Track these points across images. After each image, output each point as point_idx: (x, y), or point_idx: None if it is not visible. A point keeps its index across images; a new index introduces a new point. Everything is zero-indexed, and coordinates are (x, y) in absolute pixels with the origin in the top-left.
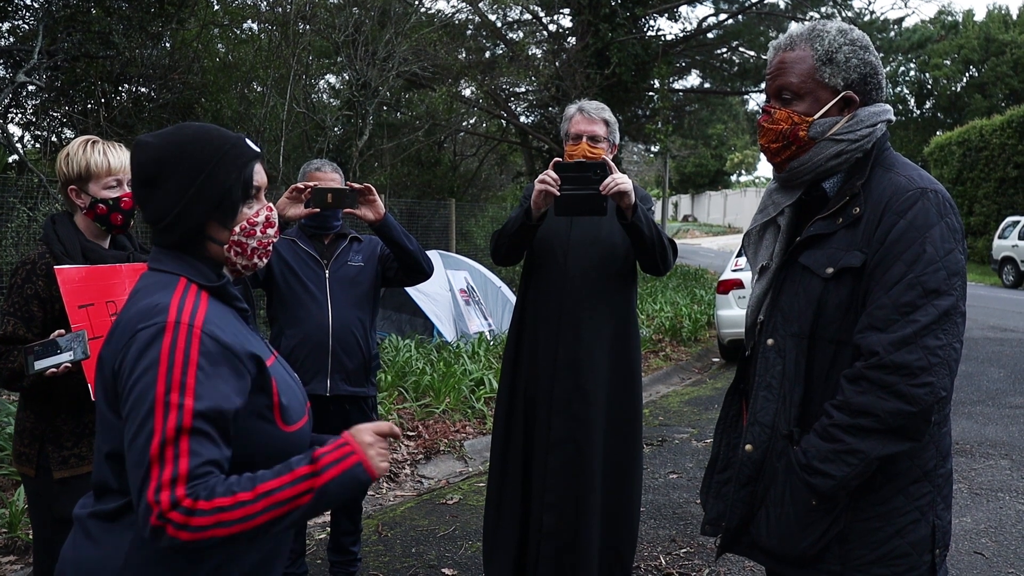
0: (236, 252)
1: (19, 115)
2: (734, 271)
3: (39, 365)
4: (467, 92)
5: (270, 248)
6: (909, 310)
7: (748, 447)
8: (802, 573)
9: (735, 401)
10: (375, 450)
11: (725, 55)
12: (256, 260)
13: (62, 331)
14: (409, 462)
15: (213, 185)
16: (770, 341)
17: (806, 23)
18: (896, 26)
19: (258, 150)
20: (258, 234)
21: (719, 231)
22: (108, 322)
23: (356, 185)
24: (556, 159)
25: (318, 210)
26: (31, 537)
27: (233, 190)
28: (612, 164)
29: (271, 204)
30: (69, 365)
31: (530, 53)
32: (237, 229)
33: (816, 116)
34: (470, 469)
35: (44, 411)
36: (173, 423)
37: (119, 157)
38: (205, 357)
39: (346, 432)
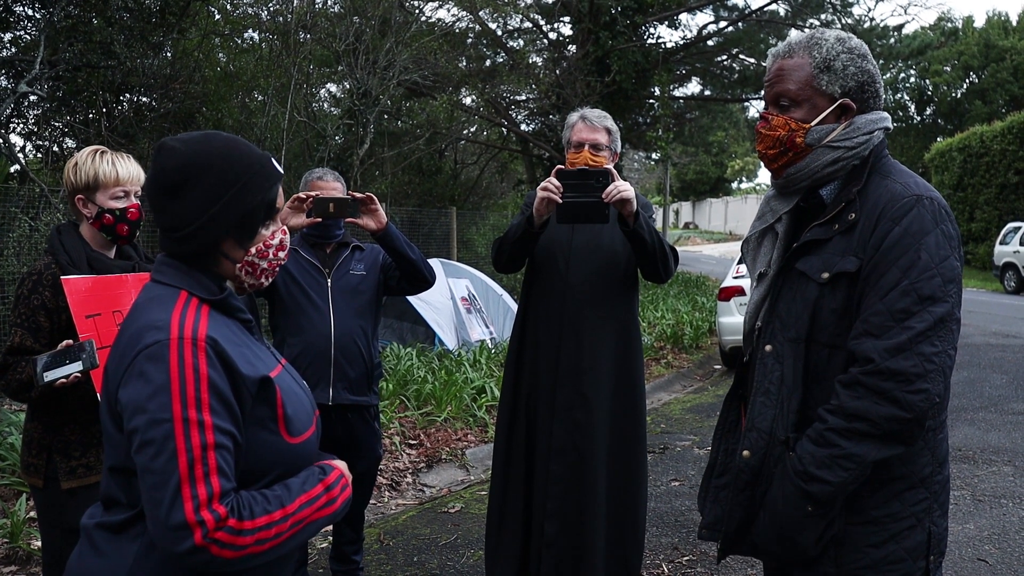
0: (247, 272)
1: (21, 125)
2: (735, 278)
3: (48, 376)
4: (468, 100)
5: (277, 270)
6: (904, 316)
7: (745, 453)
8: (800, 574)
9: (734, 407)
10: (350, 478)
11: (725, 62)
12: (263, 280)
13: (70, 341)
14: (411, 471)
15: (239, 204)
16: (768, 347)
17: (805, 31)
18: (896, 33)
19: (282, 172)
20: (270, 256)
21: (720, 238)
22: (115, 331)
23: (358, 194)
24: (559, 166)
25: (320, 219)
26: (33, 547)
27: (257, 211)
28: (614, 172)
29: (285, 227)
30: (78, 375)
31: (531, 61)
32: (253, 250)
33: (813, 123)
34: (472, 477)
35: (52, 422)
36: (198, 440)
37: (127, 168)
38: (213, 369)
39: (333, 463)
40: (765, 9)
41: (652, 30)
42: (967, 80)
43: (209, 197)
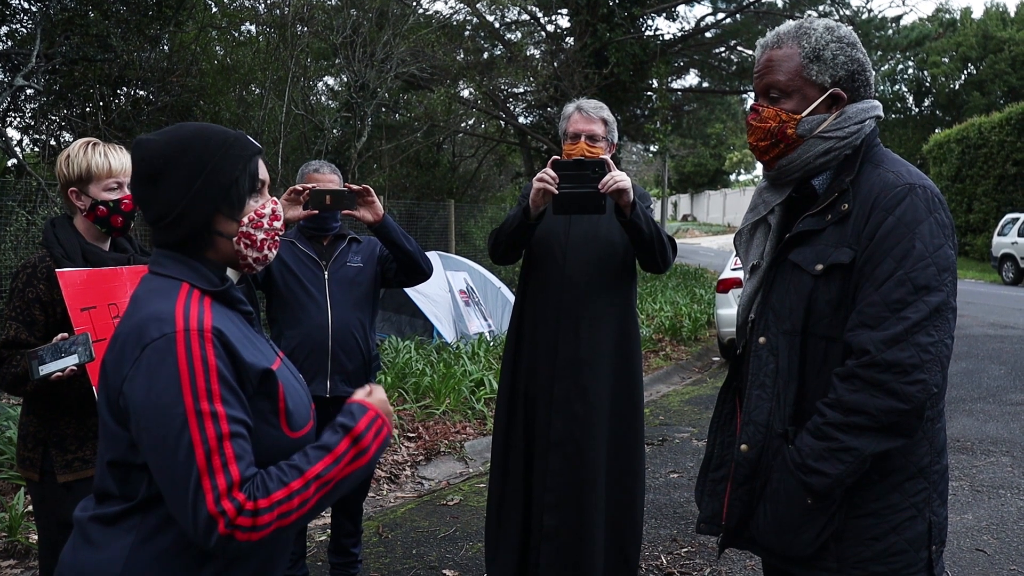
0: (246, 244)
1: (17, 119)
2: (733, 270)
3: (44, 370)
4: (465, 93)
5: (278, 239)
6: (900, 307)
7: (744, 447)
8: (800, 571)
9: (729, 399)
10: (390, 412)
11: (723, 54)
12: (267, 252)
13: (65, 334)
14: (410, 463)
15: (220, 175)
16: (762, 339)
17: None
18: (894, 24)
19: (260, 146)
20: (265, 225)
21: (718, 230)
22: (111, 324)
23: (354, 186)
24: (555, 157)
25: (317, 211)
26: (31, 541)
27: (240, 180)
28: (610, 162)
29: (275, 199)
30: (74, 368)
31: (528, 53)
32: (245, 220)
33: (804, 114)
34: (471, 470)
35: (47, 415)
36: (213, 431)
37: (120, 159)
38: (221, 360)
39: (367, 402)
40: (763, 0)
41: (650, 22)
42: (965, 71)
43: (190, 174)
